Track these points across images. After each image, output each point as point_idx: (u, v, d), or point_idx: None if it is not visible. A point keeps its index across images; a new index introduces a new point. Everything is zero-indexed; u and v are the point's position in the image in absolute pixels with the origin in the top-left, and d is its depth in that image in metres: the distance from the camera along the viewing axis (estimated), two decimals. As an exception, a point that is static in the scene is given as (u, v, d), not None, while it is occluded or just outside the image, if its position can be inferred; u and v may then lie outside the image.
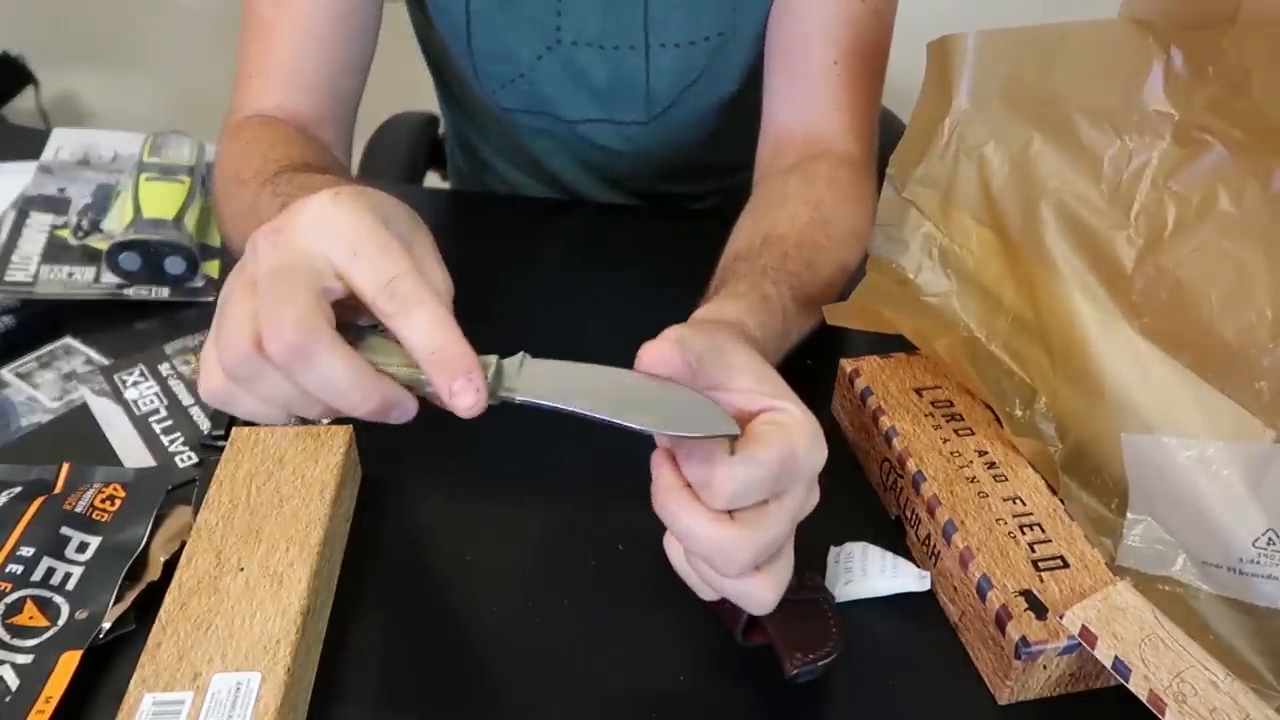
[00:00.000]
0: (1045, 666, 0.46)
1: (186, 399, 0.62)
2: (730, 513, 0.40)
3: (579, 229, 0.87)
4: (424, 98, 1.16)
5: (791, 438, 0.42)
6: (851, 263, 0.68)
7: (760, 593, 0.42)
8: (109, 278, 0.70)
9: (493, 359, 0.41)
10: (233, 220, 0.66)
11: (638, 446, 0.59)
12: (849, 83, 0.76)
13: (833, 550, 0.53)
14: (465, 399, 0.38)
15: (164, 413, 0.61)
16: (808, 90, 0.78)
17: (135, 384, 0.63)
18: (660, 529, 0.53)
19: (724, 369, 0.43)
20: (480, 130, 0.98)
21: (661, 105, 0.85)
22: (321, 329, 0.37)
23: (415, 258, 0.42)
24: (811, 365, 0.67)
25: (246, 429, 0.55)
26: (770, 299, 0.57)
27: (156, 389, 0.63)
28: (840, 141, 0.76)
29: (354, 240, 0.39)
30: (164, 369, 0.64)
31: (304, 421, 0.59)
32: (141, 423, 0.60)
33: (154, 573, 0.50)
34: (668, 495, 0.41)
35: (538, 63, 0.82)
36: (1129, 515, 0.51)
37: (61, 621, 0.47)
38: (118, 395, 0.62)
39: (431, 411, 0.42)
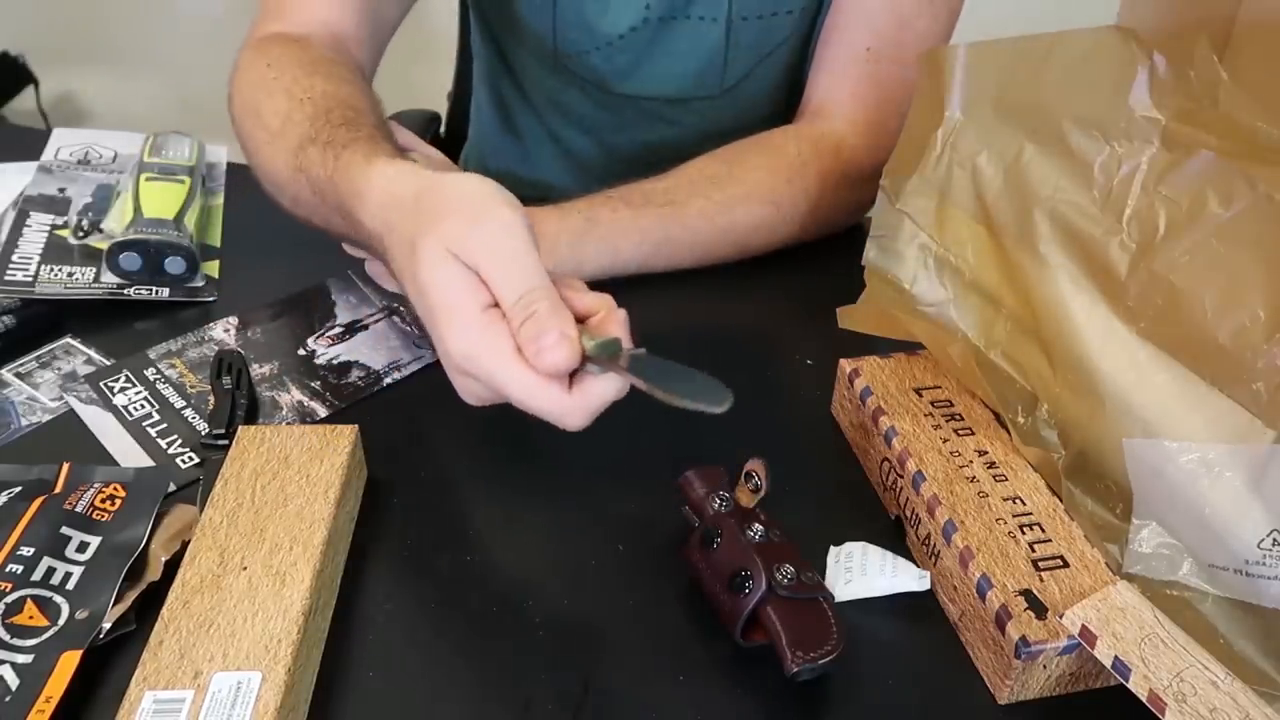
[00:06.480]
0: (1045, 666, 0.46)
1: (178, 402, 0.62)
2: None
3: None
4: (426, 97, 1.16)
5: None
6: (743, 221, 0.73)
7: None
8: (109, 278, 0.70)
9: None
10: (261, 169, 0.65)
11: (640, 447, 0.60)
12: (874, 72, 0.75)
13: (833, 550, 0.53)
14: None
15: (157, 416, 0.61)
16: (830, 71, 0.78)
17: (123, 390, 0.63)
18: (662, 534, 0.54)
19: None
20: (521, 96, 0.95)
21: (736, 78, 0.85)
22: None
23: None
24: (812, 365, 0.68)
25: (253, 428, 0.55)
26: (598, 222, 0.68)
27: (145, 394, 0.62)
28: (838, 129, 0.75)
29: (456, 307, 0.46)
30: (149, 373, 0.64)
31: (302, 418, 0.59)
32: (135, 428, 0.60)
33: (154, 573, 0.50)
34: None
35: (630, 33, 0.81)
36: (1134, 520, 0.51)
37: (61, 621, 0.47)
38: (106, 402, 0.62)
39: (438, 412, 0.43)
